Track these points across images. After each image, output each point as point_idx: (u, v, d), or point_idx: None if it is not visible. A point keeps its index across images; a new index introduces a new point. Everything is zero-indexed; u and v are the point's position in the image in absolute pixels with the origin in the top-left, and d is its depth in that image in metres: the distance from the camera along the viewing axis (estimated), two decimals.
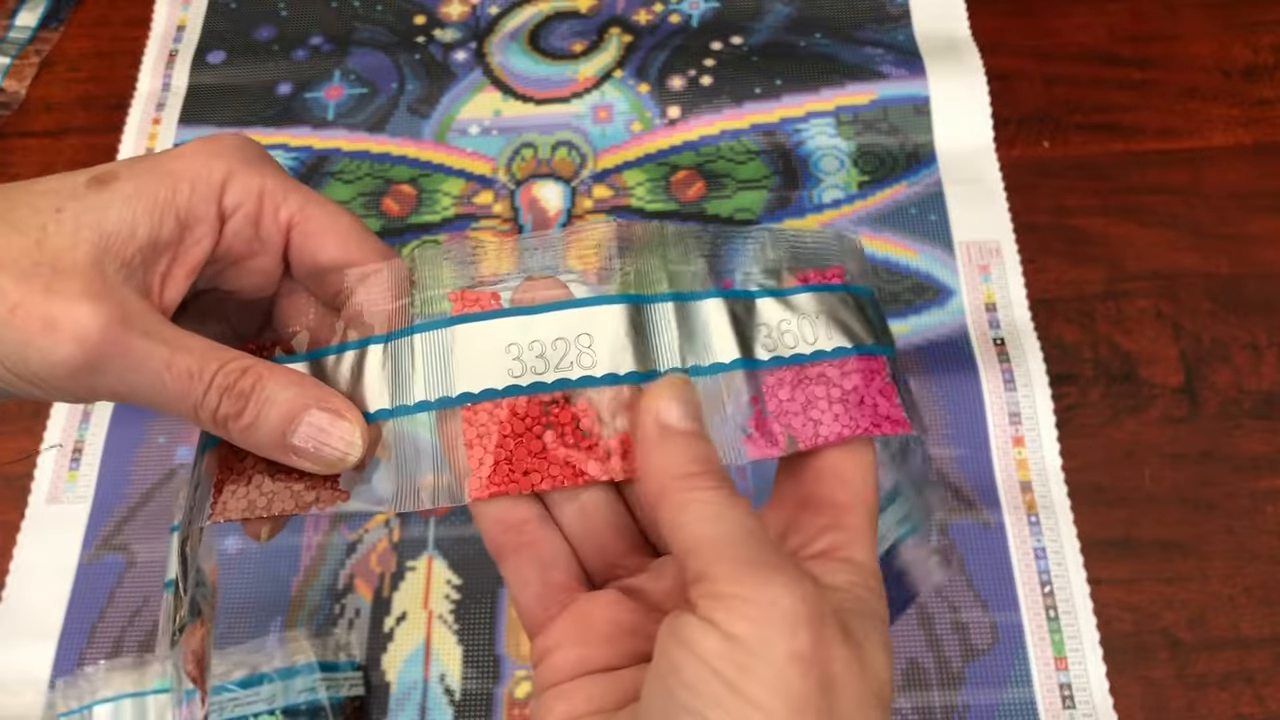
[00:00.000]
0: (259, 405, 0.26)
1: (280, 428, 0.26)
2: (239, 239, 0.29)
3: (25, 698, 0.47)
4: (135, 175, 0.27)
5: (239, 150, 0.29)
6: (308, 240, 0.29)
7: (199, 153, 0.28)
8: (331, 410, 0.27)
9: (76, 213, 0.26)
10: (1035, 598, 0.47)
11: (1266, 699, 0.45)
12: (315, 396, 0.27)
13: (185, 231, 0.27)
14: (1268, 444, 0.50)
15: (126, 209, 0.26)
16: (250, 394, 0.26)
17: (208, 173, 0.28)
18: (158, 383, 0.26)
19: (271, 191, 0.29)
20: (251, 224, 0.29)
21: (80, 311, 0.25)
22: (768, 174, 0.58)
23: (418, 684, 0.47)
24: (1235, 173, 0.57)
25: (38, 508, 0.51)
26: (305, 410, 0.27)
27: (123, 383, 0.26)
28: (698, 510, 0.24)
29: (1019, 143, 0.59)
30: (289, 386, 0.27)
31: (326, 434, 0.27)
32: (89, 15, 0.68)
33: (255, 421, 0.26)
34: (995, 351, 0.52)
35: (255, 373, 0.27)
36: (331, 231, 0.29)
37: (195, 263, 0.28)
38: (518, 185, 0.59)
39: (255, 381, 0.26)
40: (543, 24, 0.65)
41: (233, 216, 0.28)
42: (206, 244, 0.28)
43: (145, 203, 0.27)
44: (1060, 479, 0.49)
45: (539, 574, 0.28)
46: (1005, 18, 0.63)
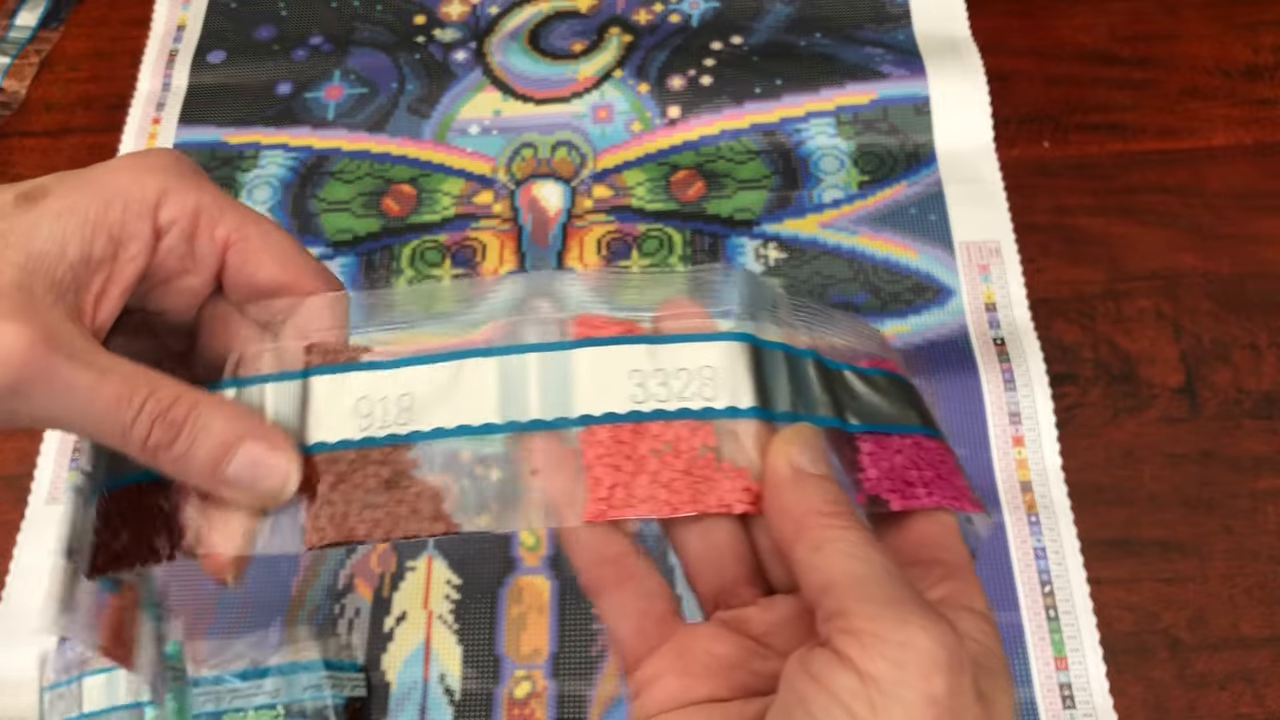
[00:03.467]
0: (192, 435, 0.26)
1: (214, 458, 0.26)
2: (172, 256, 0.28)
3: (25, 698, 0.47)
4: (66, 192, 0.26)
5: (174, 165, 0.28)
6: (246, 260, 0.28)
7: (132, 168, 0.27)
8: (268, 442, 0.26)
9: (2, 232, 0.25)
10: (1035, 597, 0.47)
11: (1266, 699, 0.45)
12: (250, 428, 0.26)
13: (119, 249, 0.26)
14: (1268, 444, 0.50)
15: (56, 227, 0.26)
16: (183, 423, 0.26)
17: (140, 189, 0.27)
18: (85, 408, 0.25)
19: (208, 208, 0.28)
20: (186, 241, 0.28)
21: (5, 334, 0.24)
22: (768, 174, 0.58)
23: (418, 684, 0.46)
24: (1235, 173, 0.57)
25: (38, 508, 0.51)
26: (240, 442, 0.26)
27: (47, 408, 0.25)
28: (836, 547, 0.24)
29: (1019, 143, 0.59)
30: (223, 417, 0.26)
31: (262, 466, 0.26)
32: (89, 15, 0.68)
33: (188, 451, 0.26)
34: (995, 351, 0.52)
35: (189, 400, 0.26)
36: (269, 251, 0.28)
37: (129, 281, 0.27)
38: (518, 185, 0.59)
39: (189, 410, 0.26)
40: (543, 24, 0.65)
41: (168, 233, 0.27)
42: (140, 262, 0.27)
43: (76, 220, 0.26)
44: (1060, 479, 0.49)
45: (641, 607, 0.27)
46: (1005, 18, 0.63)
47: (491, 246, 0.57)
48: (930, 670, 0.21)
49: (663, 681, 0.26)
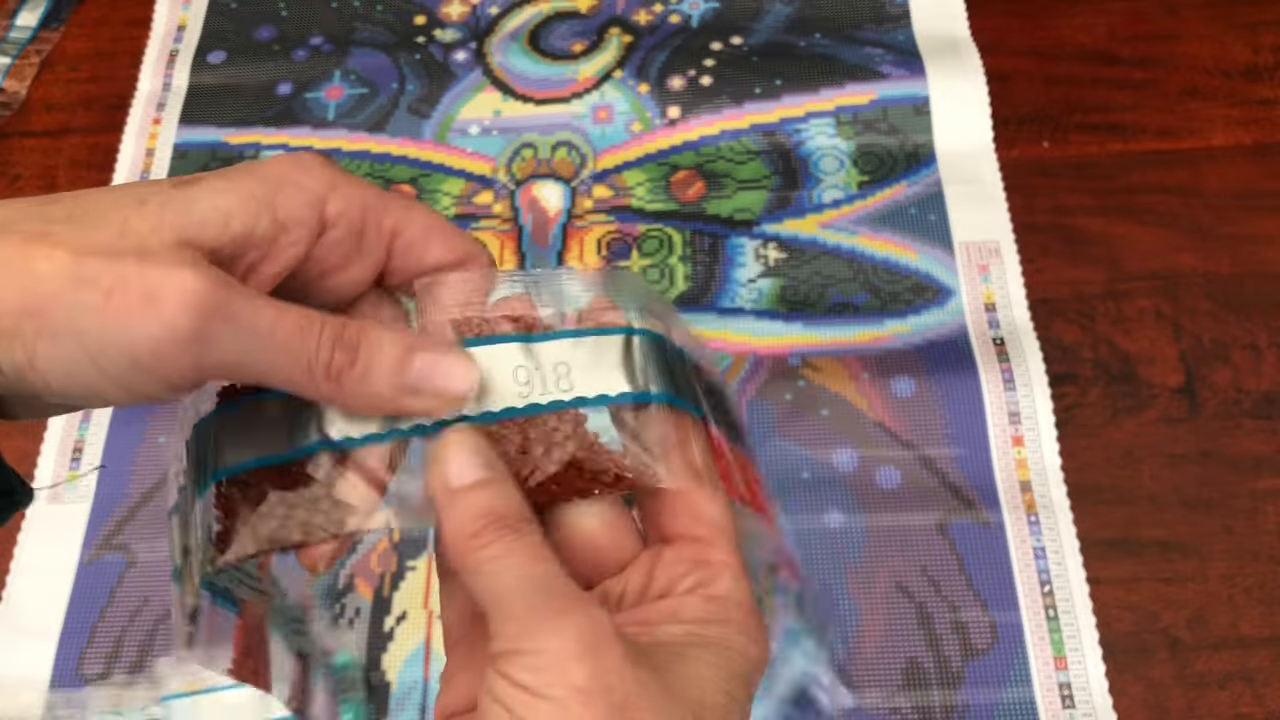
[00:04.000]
0: (370, 352, 0.26)
1: (394, 369, 0.26)
2: (337, 249, 0.28)
3: (25, 698, 0.47)
4: (228, 175, 0.27)
5: (333, 165, 0.28)
6: (412, 246, 0.29)
7: (297, 163, 0.28)
8: (439, 349, 0.27)
9: (161, 203, 0.25)
10: (1035, 597, 0.47)
11: (1266, 699, 0.45)
12: (419, 340, 0.27)
13: (281, 232, 0.26)
14: (1267, 444, 0.50)
15: (219, 200, 0.26)
16: (359, 343, 0.26)
17: (310, 179, 0.27)
18: (269, 343, 0.25)
19: (373, 204, 0.28)
20: (354, 235, 0.28)
21: (182, 279, 0.24)
22: (768, 174, 0.58)
23: (418, 684, 0.47)
24: (1235, 173, 0.57)
25: (38, 507, 0.51)
26: (414, 351, 0.26)
27: (233, 348, 0.25)
28: (486, 568, 0.25)
29: (1019, 143, 0.59)
30: (392, 334, 0.27)
31: (441, 366, 0.26)
32: (89, 15, 0.68)
33: (369, 368, 0.26)
34: (995, 351, 0.52)
35: (357, 325, 0.26)
36: (435, 233, 0.29)
37: (284, 265, 0.27)
38: (518, 185, 0.59)
39: (361, 331, 0.26)
40: (543, 24, 0.65)
41: (336, 225, 0.28)
42: (301, 248, 0.27)
43: (240, 196, 0.26)
44: (1060, 479, 0.49)
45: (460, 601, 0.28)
46: (1005, 18, 0.63)
47: (492, 246, 0.57)
48: (566, 665, 0.23)
49: (458, 678, 0.27)
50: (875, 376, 0.52)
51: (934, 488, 0.49)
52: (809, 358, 0.53)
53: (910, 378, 0.52)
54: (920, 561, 0.48)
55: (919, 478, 0.50)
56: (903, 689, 0.45)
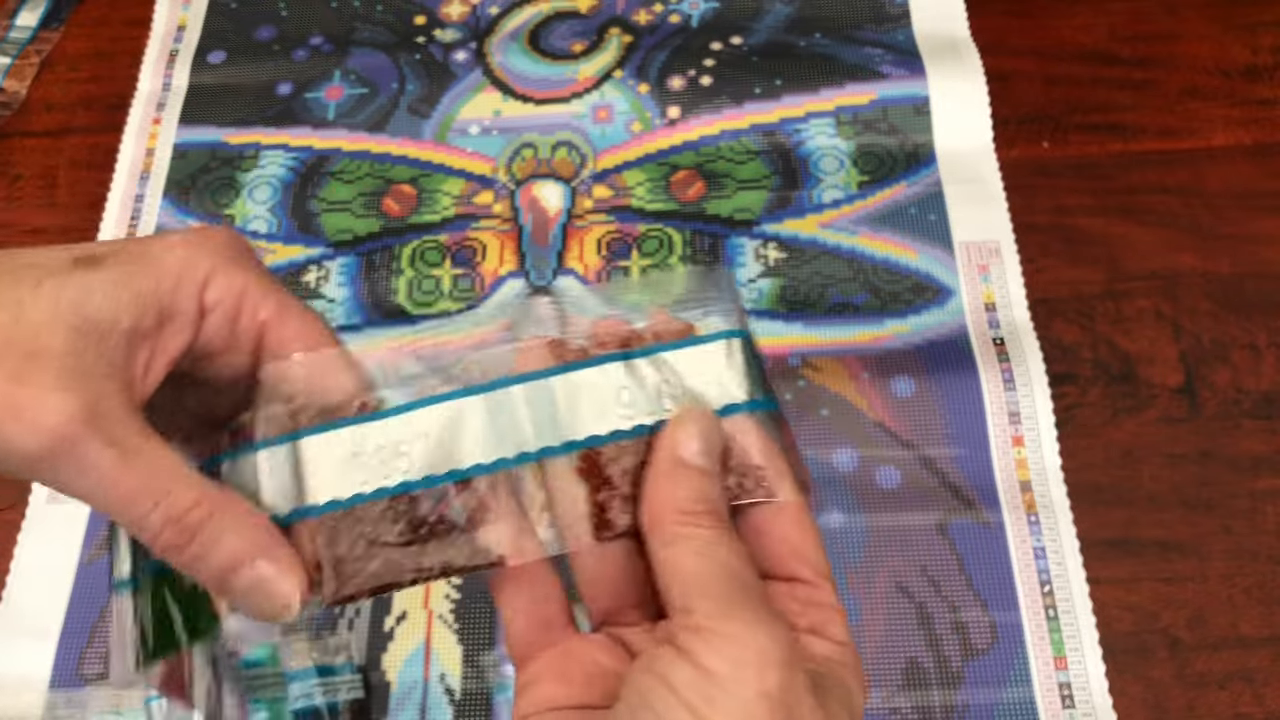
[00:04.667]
0: (204, 544, 0.26)
1: (223, 571, 0.26)
2: (217, 335, 0.28)
3: (25, 698, 0.47)
4: (121, 262, 0.27)
5: (226, 247, 0.29)
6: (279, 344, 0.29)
7: (187, 245, 0.28)
8: (277, 564, 0.27)
9: (56, 288, 0.26)
10: (1035, 597, 0.47)
11: (1266, 699, 0.45)
12: (261, 546, 0.27)
13: (165, 323, 0.27)
14: (1267, 444, 0.50)
15: (111, 295, 0.26)
16: (197, 529, 0.26)
17: (192, 268, 0.28)
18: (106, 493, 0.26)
19: (251, 292, 0.29)
20: (229, 322, 0.28)
21: (47, 404, 0.24)
22: (768, 174, 0.58)
23: (418, 684, 0.47)
24: (1235, 173, 0.57)
25: (38, 508, 0.51)
26: (248, 560, 0.26)
27: (71, 483, 0.25)
28: (686, 545, 0.25)
29: (1019, 143, 0.59)
30: (236, 531, 0.26)
31: (267, 587, 0.26)
32: (89, 15, 0.68)
33: (198, 558, 0.26)
34: (995, 351, 0.52)
35: (205, 508, 0.26)
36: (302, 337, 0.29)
37: (173, 354, 0.28)
38: (518, 185, 0.59)
39: (204, 519, 0.26)
40: (543, 24, 0.65)
41: (212, 313, 0.28)
42: (186, 336, 0.28)
43: (130, 291, 0.26)
44: (1060, 479, 0.49)
45: (533, 607, 0.28)
46: (1005, 18, 0.63)
47: (491, 246, 0.57)
48: (765, 666, 0.22)
49: (541, 685, 0.27)
50: (875, 376, 0.52)
51: (934, 488, 0.49)
52: (809, 358, 0.53)
53: (910, 378, 0.52)
54: (920, 561, 0.48)
55: (919, 478, 0.50)
56: (903, 689, 0.45)
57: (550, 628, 0.28)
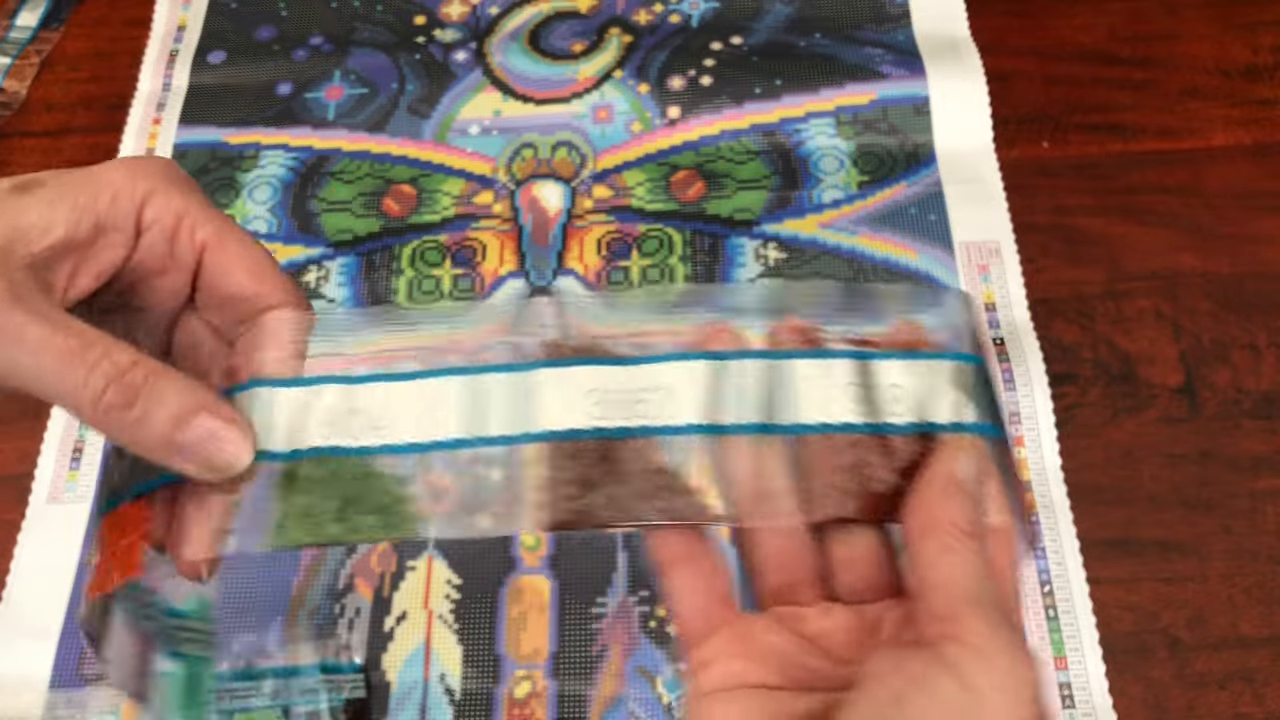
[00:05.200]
0: (149, 400, 0.26)
1: (169, 426, 0.26)
2: (152, 254, 0.29)
3: (25, 698, 0.47)
4: (61, 183, 0.28)
5: (164, 171, 0.29)
6: (219, 266, 0.30)
7: (125, 167, 0.29)
8: (223, 417, 0.27)
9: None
10: (1035, 597, 0.47)
11: (1266, 699, 0.45)
12: (205, 401, 0.27)
13: (100, 235, 0.28)
14: (1267, 444, 0.50)
15: (46, 210, 0.27)
16: (140, 386, 0.26)
17: (131, 186, 0.28)
18: (37, 360, 0.25)
19: (191, 213, 0.29)
20: (166, 240, 0.29)
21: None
22: (768, 174, 0.58)
23: (418, 684, 0.47)
24: (1235, 173, 0.57)
25: (38, 508, 0.51)
26: (195, 413, 0.26)
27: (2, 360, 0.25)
28: (962, 558, 0.25)
29: (1019, 143, 0.59)
30: (181, 386, 0.27)
31: (217, 438, 0.26)
32: (89, 15, 0.68)
33: (143, 416, 0.26)
34: (995, 351, 0.52)
35: (147, 366, 0.26)
36: (243, 260, 0.30)
37: (104, 267, 0.28)
38: (518, 185, 0.59)
39: (147, 375, 0.26)
40: (543, 24, 0.65)
41: (150, 230, 0.29)
42: (120, 250, 0.28)
43: (66, 204, 0.27)
44: (1060, 479, 0.49)
45: (704, 586, 0.29)
46: (1005, 18, 0.63)
47: (491, 246, 0.57)
48: (1026, 696, 0.23)
49: (723, 662, 0.28)
50: None
51: None
52: None
53: None
54: None
55: None
56: None
57: (723, 604, 0.29)
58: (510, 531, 0.27)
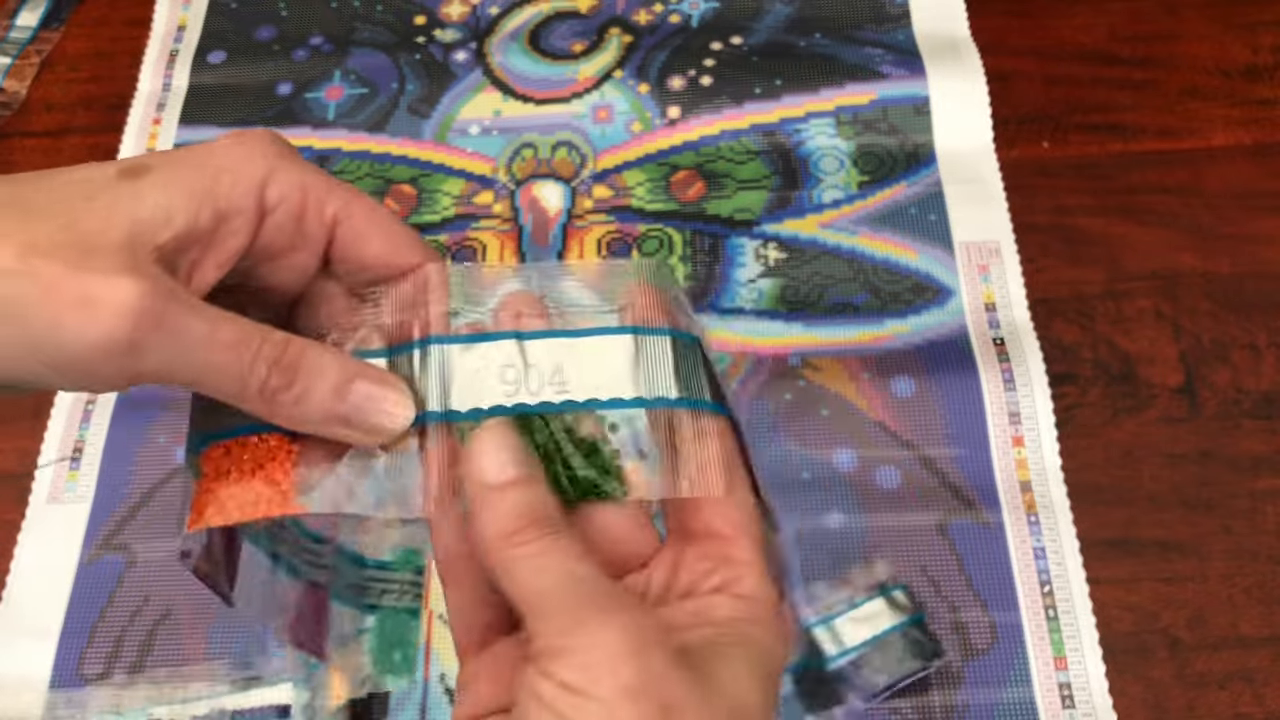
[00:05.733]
0: (308, 377, 0.26)
1: (331, 397, 0.26)
2: (280, 234, 0.28)
3: (25, 698, 0.47)
4: (170, 165, 0.27)
5: (277, 145, 0.28)
6: (354, 237, 0.29)
7: (239, 146, 0.28)
8: (379, 381, 0.27)
9: (109, 201, 0.25)
10: (1035, 597, 0.47)
11: (1266, 699, 0.45)
12: (361, 369, 0.27)
13: (222, 223, 0.27)
14: (1267, 444, 0.50)
15: (163, 197, 0.26)
16: (298, 365, 0.26)
17: (250, 166, 0.27)
18: (202, 356, 0.25)
19: (315, 188, 0.28)
20: (294, 220, 0.28)
21: (119, 285, 0.24)
22: (768, 174, 0.58)
23: (418, 684, 0.47)
24: (1235, 173, 0.57)
25: (38, 508, 0.51)
26: (353, 380, 0.26)
27: (164, 360, 0.25)
28: (519, 567, 0.25)
29: (1019, 143, 0.59)
30: (335, 358, 0.27)
31: (377, 401, 0.26)
32: (89, 15, 0.68)
33: (305, 393, 0.26)
34: (995, 351, 0.52)
35: (299, 345, 0.26)
36: (377, 227, 0.29)
37: (229, 255, 0.27)
38: (518, 185, 0.59)
39: (301, 354, 0.26)
40: (543, 24, 0.65)
41: (275, 211, 0.28)
42: (243, 237, 0.27)
43: (183, 191, 0.26)
44: (1060, 479, 0.49)
45: (470, 609, 0.28)
46: (1005, 18, 0.63)
47: (492, 246, 0.57)
48: (614, 663, 0.23)
49: (476, 685, 0.27)
50: (875, 376, 0.52)
51: (934, 488, 0.49)
52: (809, 358, 0.53)
53: (910, 378, 0.52)
54: (920, 561, 0.48)
55: (919, 478, 0.50)
56: (902, 689, 0.45)
57: (489, 628, 0.28)
58: None
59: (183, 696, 0.44)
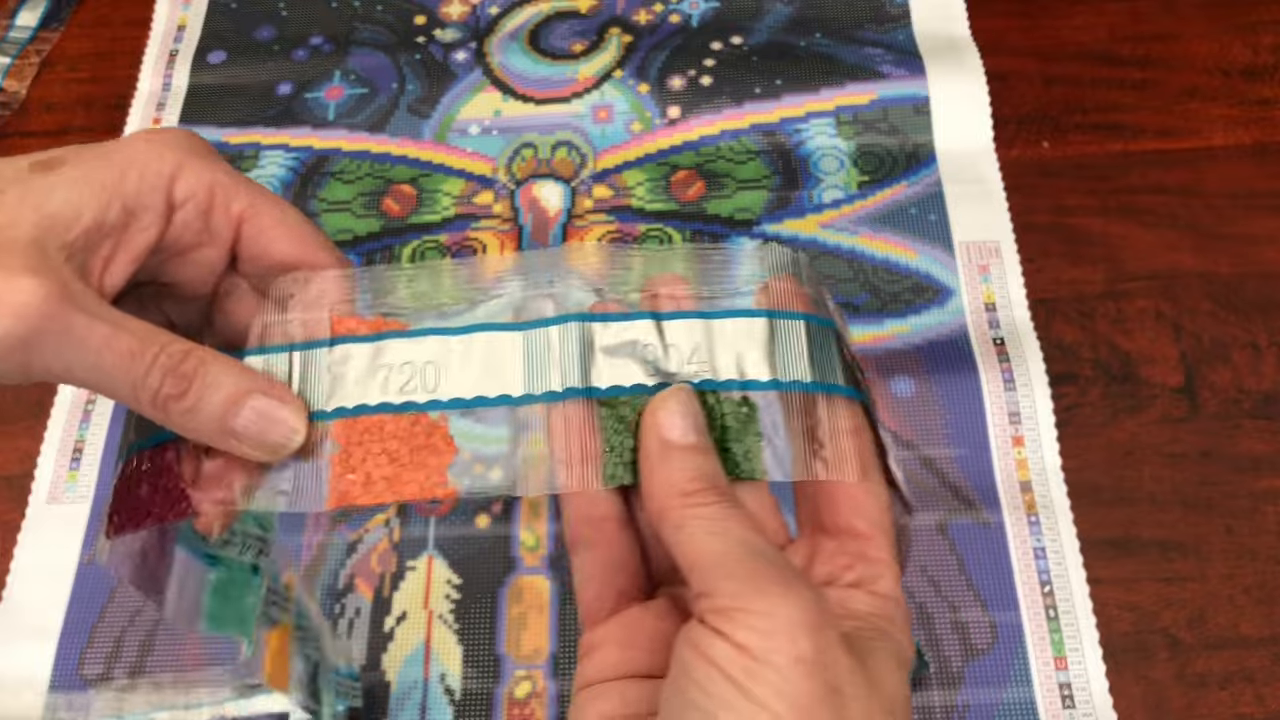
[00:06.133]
0: (202, 388, 0.26)
1: (223, 411, 0.26)
2: (188, 230, 0.28)
3: (25, 698, 0.47)
4: (82, 161, 0.27)
5: (188, 143, 0.29)
6: (259, 235, 0.29)
7: (149, 142, 0.28)
8: (275, 397, 0.27)
9: (19, 194, 0.26)
10: (1035, 597, 0.47)
11: (1266, 699, 0.45)
12: (257, 383, 0.27)
13: (131, 218, 0.27)
14: (1267, 444, 0.50)
15: (72, 192, 0.26)
16: (193, 376, 0.26)
17: (159, 162, 0.28)
18: (97, 360, 0.25)
19: (223, 185, 0.28)
20: (202, 216, 0.28)
21: (20, 285, 0.24)
22: (768, 174, 0.58)
23: (418, 684, 0.47)
24: (1235, 173, 0.57)
25: (38, 508, 0.51)
26: (248, 395, 0.26)
27: (60, 360, 0.25)
28: (696, 526, 0.24)
29: (1019, 143, 0.59)
30: (232, 372, 0.27)
31: (270, 419, 0.27)
32: (89, 15, 0.68)
33: (197, 404, 0.26)
34: (995, 351, 0.52)
35: (198, 356, 0.26)
36: (283, 228, 0.29)
37: (139, 250, 0.27)
38: (518, 185, 0.59)
39: (198, 365, 0.26)
40: (543, 24, 0.65)
41: (183, 207, 0.28)
42: (152, 232, 0.28)
43: (92, 187, 0.26)
44: (1060, 479, 0.49)
45: (604, 574, 0.28)
46: (1005, 18, 0.63)
47: (491, 246, 0.57)
48: (794, 632, 0.23)
49: (604, 650, 0.27)
50: (875, 376, 0.52)
51: (934, 488, 0.49)
52: None
53: (910, 378, 0.52)
54: (920, 561, 0.48)
55: (919, 478, 0.50)
56: None
57: (620, 594, 0.28)
58: None
59: (185, 702, 0.44)
